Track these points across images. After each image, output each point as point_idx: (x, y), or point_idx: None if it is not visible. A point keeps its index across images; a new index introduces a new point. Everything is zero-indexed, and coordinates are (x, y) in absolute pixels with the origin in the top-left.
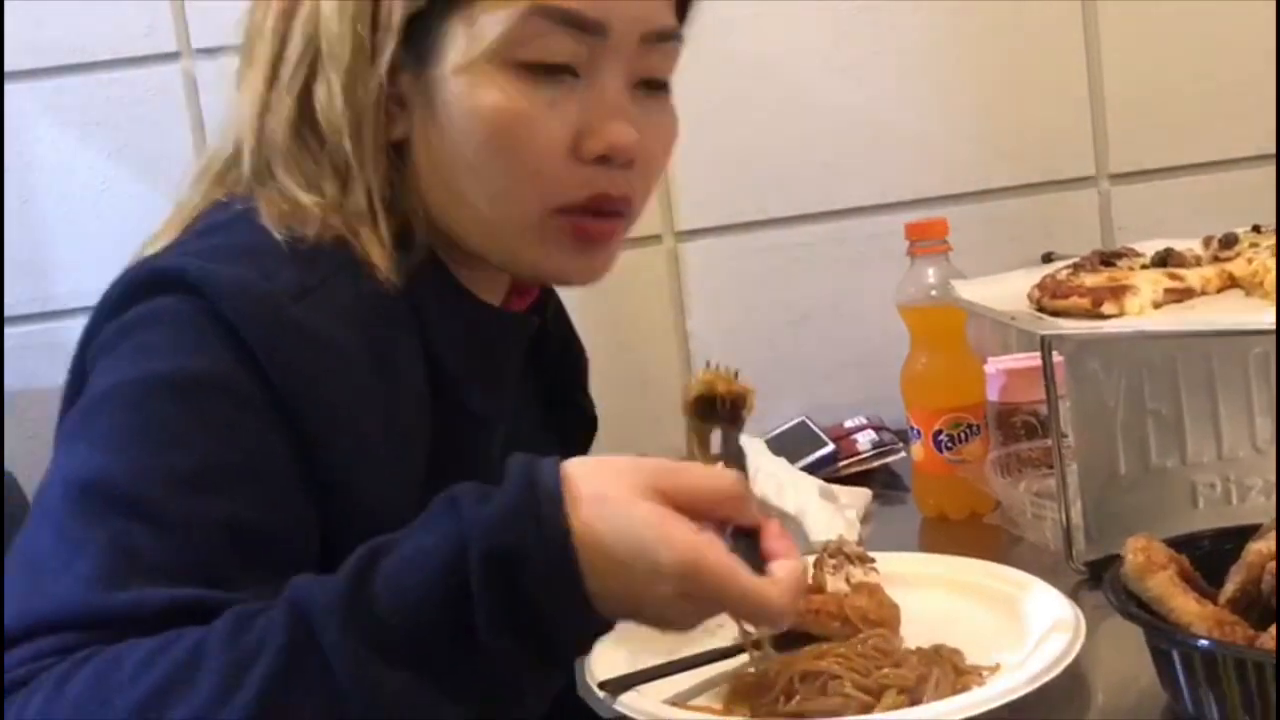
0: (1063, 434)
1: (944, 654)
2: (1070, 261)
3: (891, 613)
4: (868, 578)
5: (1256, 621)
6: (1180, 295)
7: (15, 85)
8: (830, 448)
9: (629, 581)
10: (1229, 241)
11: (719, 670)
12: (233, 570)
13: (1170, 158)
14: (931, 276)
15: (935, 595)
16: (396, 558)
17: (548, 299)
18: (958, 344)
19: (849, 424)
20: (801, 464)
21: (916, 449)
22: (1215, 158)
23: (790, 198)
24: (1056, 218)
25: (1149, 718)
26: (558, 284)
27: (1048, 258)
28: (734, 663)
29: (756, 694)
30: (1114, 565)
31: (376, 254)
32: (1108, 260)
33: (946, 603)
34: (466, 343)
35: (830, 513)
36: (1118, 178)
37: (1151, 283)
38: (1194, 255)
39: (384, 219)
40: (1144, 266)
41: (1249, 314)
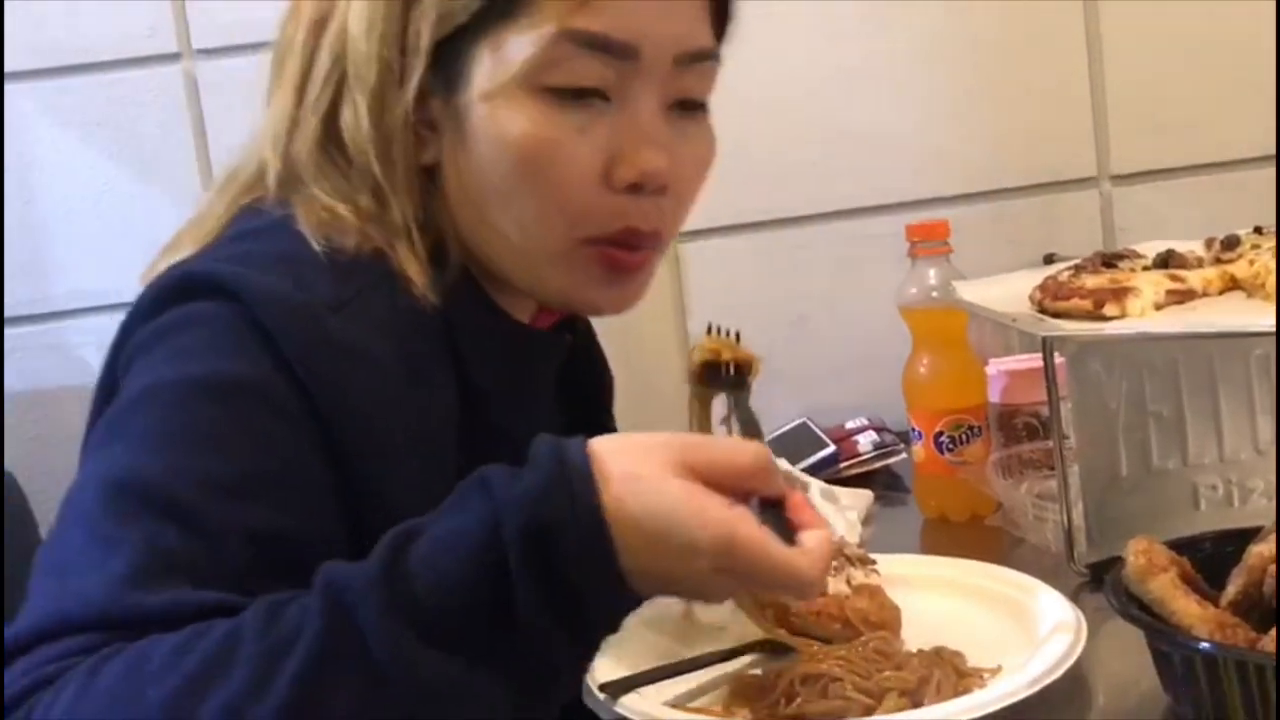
0: (1064, 436)
1: (945, 656)
2: (1072, 263)
3: (893, 615)
4: (869, 579)
5: (1258, 624)
6: (1182, 297)
7: (16, 86)
8: (831, 449)
9: (663, 558)
10: (1230, 243)
11: (720, 672)
12: (263, 577)
13: (1172, 159)
14: (933, 278)
15: (936, 597)
16: (429, 539)
17: (576, 316)
18: (959, 345)
19: (850, 425)
20: (802, 465)
21: (918, 450)
22: (1217, 159)
23: (791, 199)
24: (1058, 219)
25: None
26: (586, 313)
27: (1049, 259)
28: (735, 665)
29: (757, 696)
30: (1115, 567)
31: (413, 269)
32: (1109, 262)
33: (948, 605)
34: (498, 360)
35: (831, 514)
36: (1119, 179)
37: (1153, 284)
38: (1195, 257)
39: (419, 236)
40: (1145, 268)
41: (1250, 316)
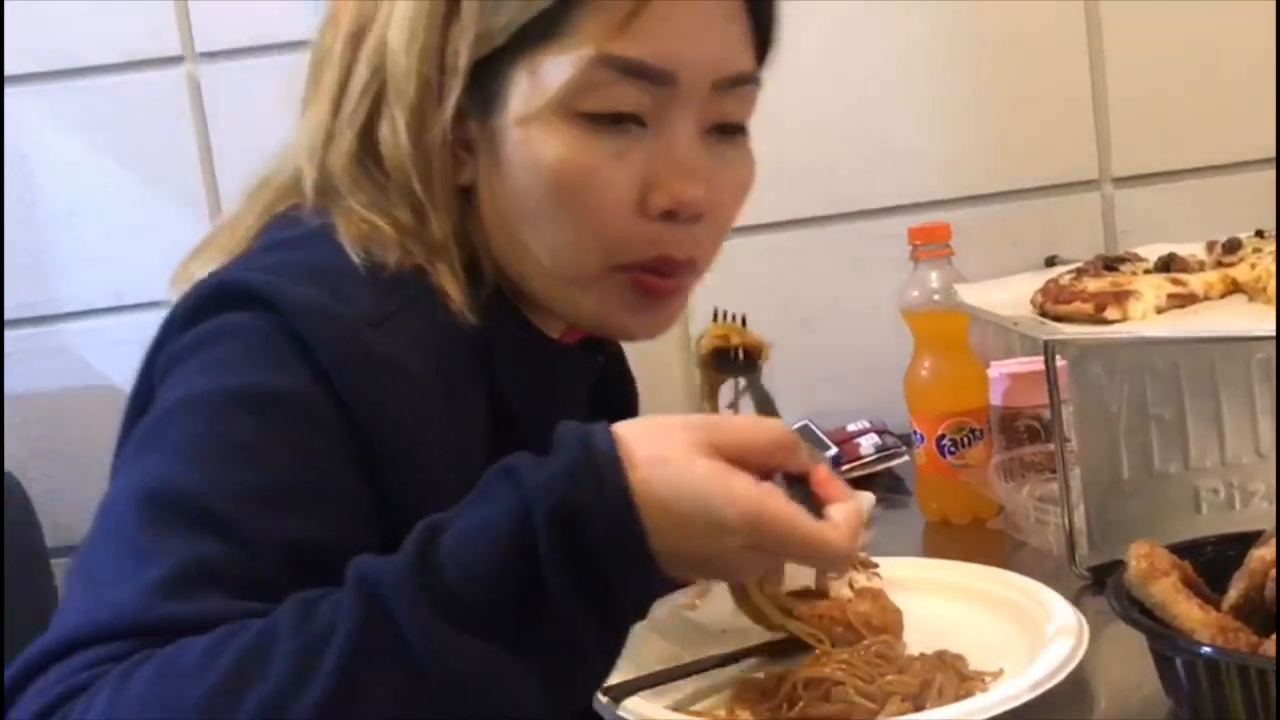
0: (1065, 439)
1: (947, 660)
2: (1073, 266)
3: (895, 618)
4: (871, 583)
5: (1259, 628)
6: (1183, 300)
7: (20, 89)
8: (833, 451)
9: (693, 537)
10: (1232, 246)
11: (722, 676)
12: (299, 589)
13: (1173, 161)
14: (935, 281)
15: (938, 600)
16: (459, 529)
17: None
18: (961, 348)
19: (852, 428)
20: None
21: (919, 453)
22: (1219, 161)
23: (793, 201)
24: (1060, 221)
25: None
26: (618, 338)
27: (1051, 261)
28: (737, 668)
29: (760, 700)
30: (1117, 571)
31: (452, 287)
32: (1111, 265)
33: (949, 608)
34: (533, 378)
35: None
36: (1121, 181)
37: (1154, 288)
38: (1197, 260)
39: (456, 254)
40: (1147, 271)
41: (1252, 320)
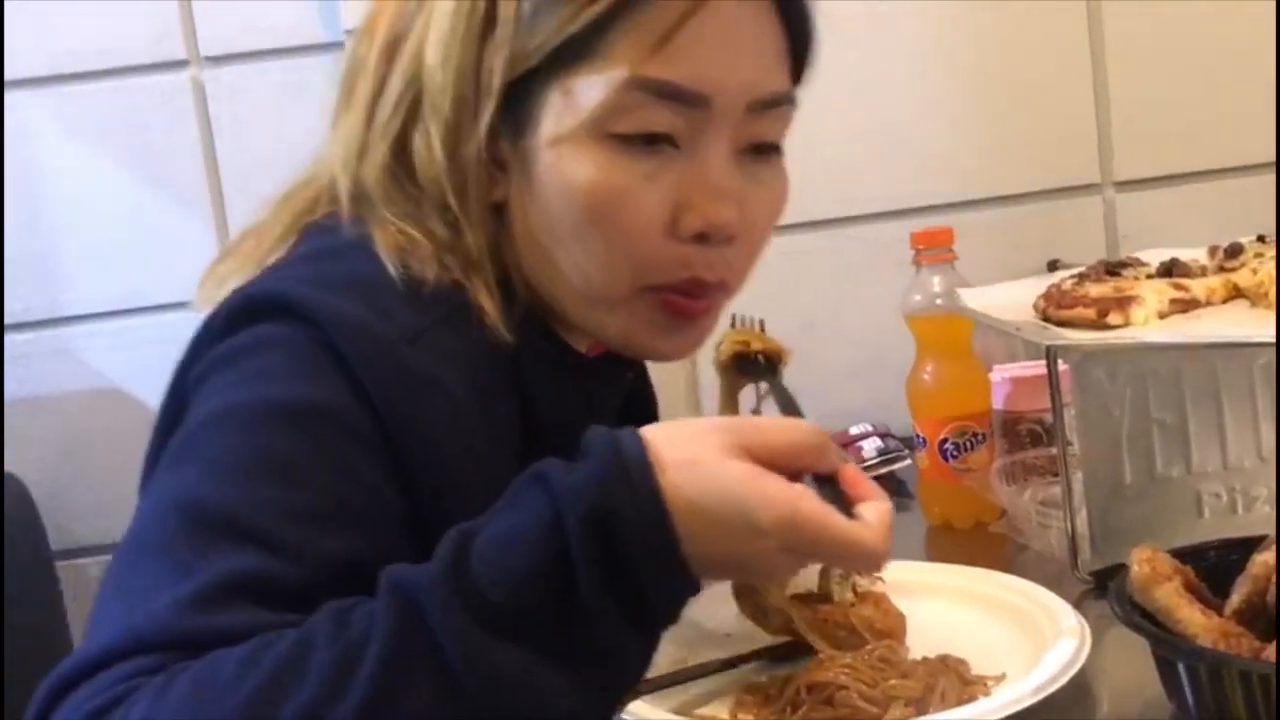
0: (1068, 443)
1: (950, 664)
2: (1076, 271)
3: (898, 622)
4: (873, 587)
5: (1262, 633)
6: (1185, 306)
7: (25, 93)
8: None
9: (725, 540)
10: (1234, 251)
11: (725, 679)
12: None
13: (1175, 165)
14: (937, 285)
15: (941, 604)
16: (491, 535)
17: None
18: (963, 352)
19: (854, 431)
20: None
21: (922, 457)
22: (1220, 165)
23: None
24: (1062, 225)
25: None
26: (647, 358)
27: (1053, 265)
28: (740, 672)
29: (763, 704)
30: (1119, 575)
31: (488, 303)
32: (1113, 270)
33: (952, 612)
34: (564, 392)
35: None
36: (1123, 185)
37: (1156, 293)
38: (1199, 266)
39: (491, 269)
40: (1149, 277)
41: (1253, 325)
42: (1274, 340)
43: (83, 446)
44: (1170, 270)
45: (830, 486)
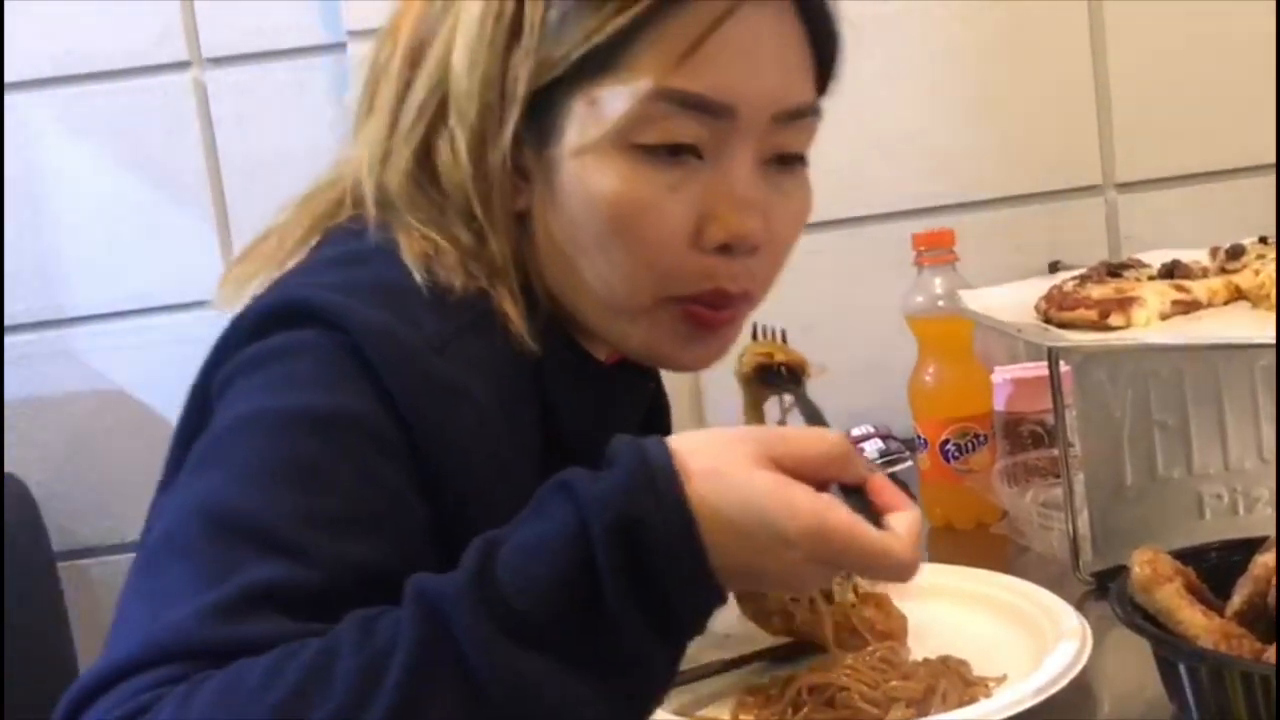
0: (1069, 444)
1: (951, 665)
2: (1077, 273)
3: (899, 624)
4: (875, 588)
5: (1263, 634)
6: (1187, 307)
7: (27, 94)
8: None
9: (754, 552)
10: (1235, 253)
11: (727, 680)
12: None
13: (1177, 166)
14: (938, 286)
15: (942, 606)
16: (516, 543)
17: None
18: (965, 354)
19: (856, 433)
20: None
21: (923, 458)
22: (1222, 166)
23: None
24: (1063, 227)
25: None
26: (668, 368)
27: (1054, 266)
28: (741, 673)
29: (764, 705)
30: (1121, 576)
31: (512, 311)
32: (1115, 272)
33: (953, 613)
34: (587, 401)
35: None
36: (1124, 186)
37: (1158, 295)
38: (1201, 267)
39: (515, 278)
40: (1151, 278)
41: (1255, 327)
42: (1275, 342)
43: (84, 447)
44: (1172, 272)
45: (858, 496)
